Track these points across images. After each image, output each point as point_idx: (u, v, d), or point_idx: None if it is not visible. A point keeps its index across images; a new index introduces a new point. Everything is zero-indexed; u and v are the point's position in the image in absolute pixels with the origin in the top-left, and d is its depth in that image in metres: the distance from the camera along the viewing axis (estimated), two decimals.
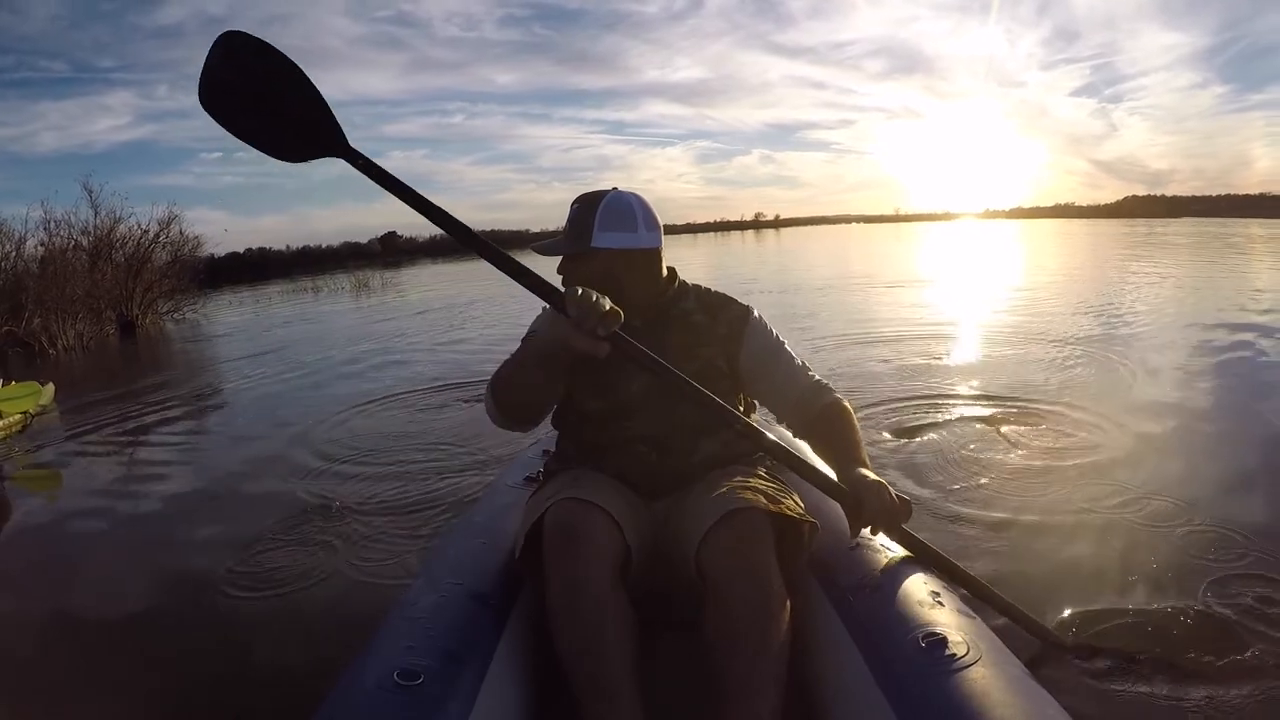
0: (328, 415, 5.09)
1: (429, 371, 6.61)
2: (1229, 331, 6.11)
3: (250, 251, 49.39)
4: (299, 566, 2.52)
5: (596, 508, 1.38)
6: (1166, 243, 21.11)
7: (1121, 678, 1.67)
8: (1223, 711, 1.57)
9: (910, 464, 3.23)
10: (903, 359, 5.57)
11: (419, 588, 1.43)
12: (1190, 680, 1.66)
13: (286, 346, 9.61)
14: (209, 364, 8.90)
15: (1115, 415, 3.75)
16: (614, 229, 1.59)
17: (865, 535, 1.45)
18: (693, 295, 1.71)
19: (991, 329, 6.95)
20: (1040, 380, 4.70)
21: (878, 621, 1.22)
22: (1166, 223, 45.72)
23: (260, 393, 6.51)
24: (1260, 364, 4.94)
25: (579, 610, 1.28)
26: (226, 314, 16.79)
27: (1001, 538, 2.46)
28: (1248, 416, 3.86)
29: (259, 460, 4.18)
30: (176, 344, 12.31)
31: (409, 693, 1.08)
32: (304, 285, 25.39)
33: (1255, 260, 14.54)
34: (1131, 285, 10.42)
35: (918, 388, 4.66)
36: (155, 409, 6.05)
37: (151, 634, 2.15)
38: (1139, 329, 6.48)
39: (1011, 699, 0.99)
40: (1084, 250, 20.96)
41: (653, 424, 1.58)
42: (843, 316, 8.04)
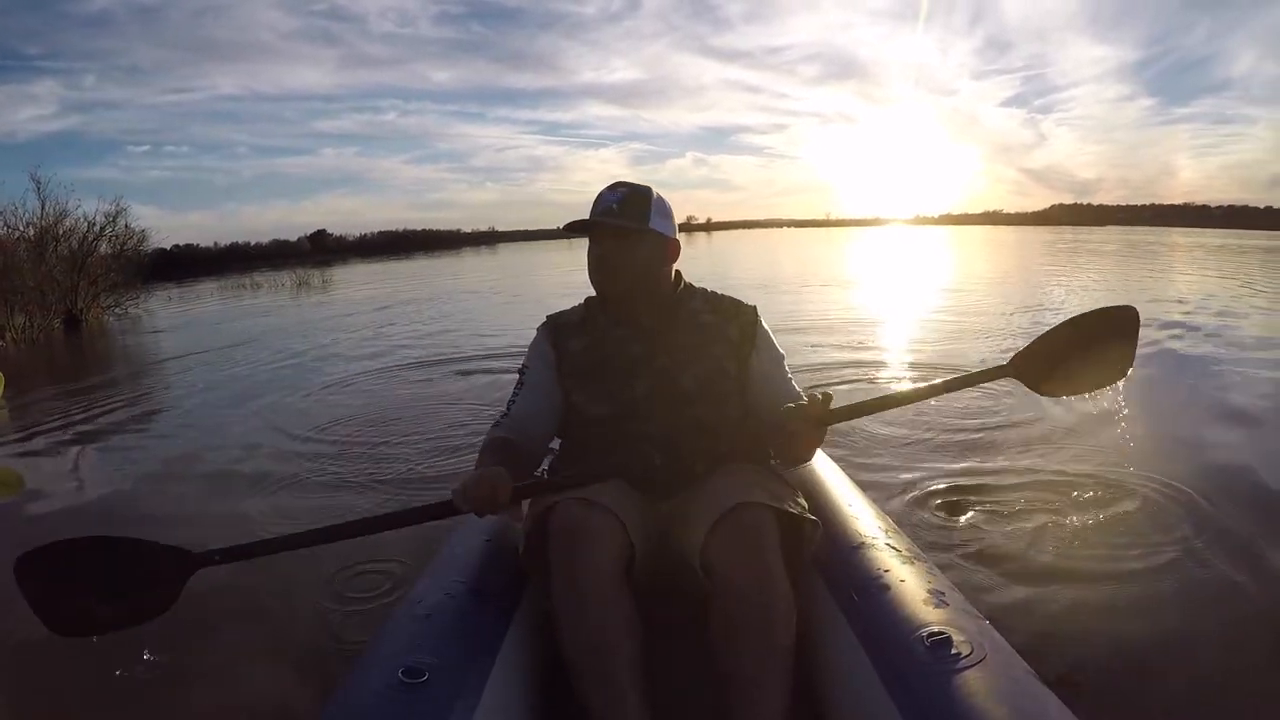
0: (320, 403, 5.15)
1: (425, 356, 6.80)
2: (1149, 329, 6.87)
3: (178, 248, 48.03)
4: (300, 556, 2.50)
5: (601, 508, 1.38)
6: (1093, 250, 22.51)
7: (1126, 677, 1.69)
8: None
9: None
10: (829, 343, 6.44)
11: (424, 586, 1.44)
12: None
13: (255, 340, 9.48)
14: (173, 358, 8.66)
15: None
16: (664, 218, 1.64)
17: (868, 534, 1.50)
18: (699, 296, 1.74)
19: (916, 323, 7.75)
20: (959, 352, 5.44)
21: (882, 620, 1.22)
22: (1092, 230, 47.89)
23: (241, 384, 6.29)
24: (1181, 353, 5.69)
25: (584, 610, 1.29)
26: (169, 310, 16.58)
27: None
28: (1171, 389, 4.64)
29: (239, 451, 4.10)
30: (127, 338, 12.12)
31: (414, 690, 1.09)
32: (242, 282, 24.88)
33: (1177, 266, 15.97)
34: (1056, 287, 11.39)
35: (844, 360, 5.61)
36: (121, 403, 5.83)
37: (146, 635, 2.08)
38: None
39: (1016, 698, 1.00)
40: (1010, 255, 22.26)
41: (658, 425, 1.60)
42: (773, 310, 8.70)
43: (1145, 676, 1.69)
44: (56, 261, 14.19)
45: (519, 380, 1.76)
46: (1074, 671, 1.66)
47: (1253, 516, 2.49)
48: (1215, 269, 14.88)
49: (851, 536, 1.50)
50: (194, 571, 1.42)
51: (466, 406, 4.74)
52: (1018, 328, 7.04)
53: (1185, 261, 17.50)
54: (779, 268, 20.25)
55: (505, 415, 1.72)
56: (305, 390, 5.69)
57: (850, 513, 1.62)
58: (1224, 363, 5.22)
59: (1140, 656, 1.76)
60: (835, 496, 1.71)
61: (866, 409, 1.55)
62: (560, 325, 1.76)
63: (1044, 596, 2.04)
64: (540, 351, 1.74)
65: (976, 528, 2.51)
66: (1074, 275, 13.79)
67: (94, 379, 7.57)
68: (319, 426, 4.46)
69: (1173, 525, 2.44)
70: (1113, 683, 1.67)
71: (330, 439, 4.18)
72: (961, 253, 26.13)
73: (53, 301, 13.39)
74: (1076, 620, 1.93)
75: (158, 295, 19.35)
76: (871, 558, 1.41)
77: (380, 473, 3.50)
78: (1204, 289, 10.58)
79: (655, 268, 1.66)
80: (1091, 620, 1.92)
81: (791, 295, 11.46)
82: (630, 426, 1.61)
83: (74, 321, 13.73)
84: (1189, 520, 2.47)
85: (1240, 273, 13.66)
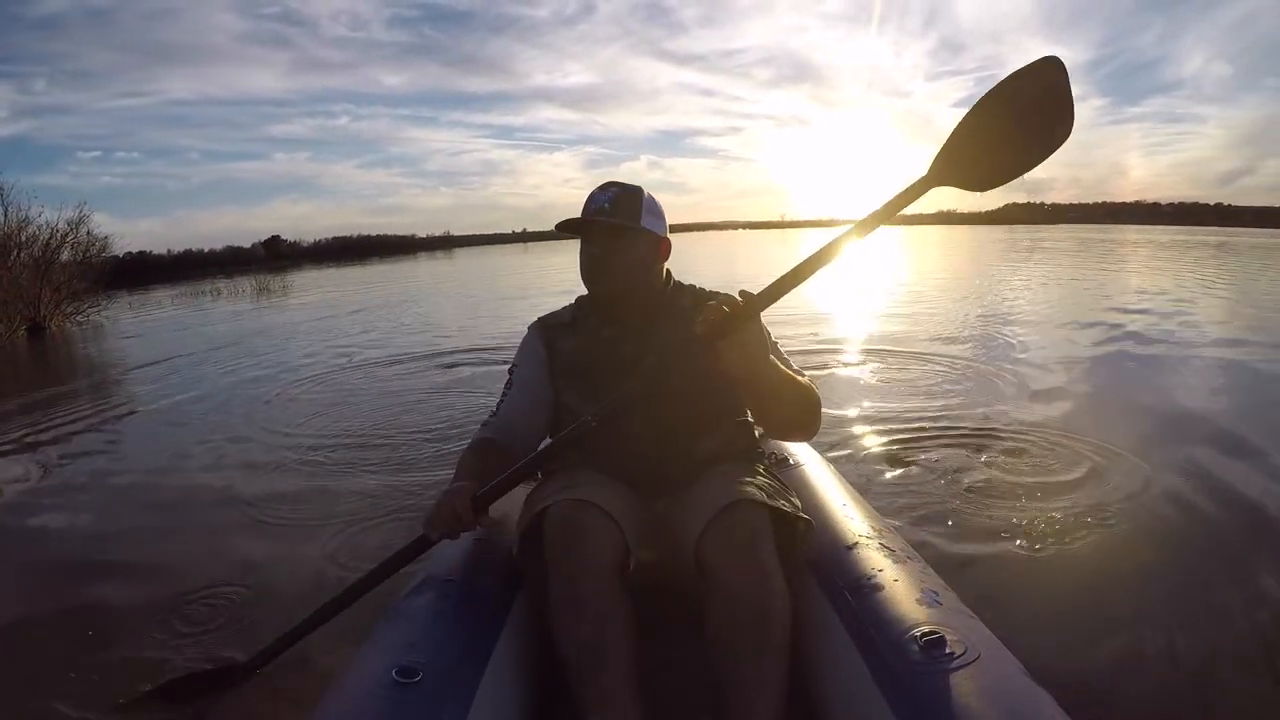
0: (309, 404, 5.19)
1: (403, 353, 6.97)
2: (1105, 315, 7.63)
3: (129, 255, 47.20)
4: (291, 555, 2.52)
5: (595, 507, 1.39)
6: (1048, 248, 23.32)
7: (1118, 674, 1.69)
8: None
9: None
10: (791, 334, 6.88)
11: (418, 585, 1.44)
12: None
13: (233, 344, 9.42)
14: (150, 364, 8.50)
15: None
16: (656, 217, 1.65)
17: (862, 534, 1.50)
18: (688, 293, 1.74)
19: (869, 320, 8.13)
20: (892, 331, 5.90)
21: (876, 620, 1.23)
22: (1046, 228, 48.83)
23: (227, 387, 6.25)
24: (1135, 343, 6.08)
25: (579, 609, 1.29)
26: (132, 317, 16.44)
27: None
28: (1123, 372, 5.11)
29: (227, 454, 4.09)
30: (97, 345, 11.94)
31: (408, 690, 1.09)
32: (202, 289, 24.84)
33: (1129, 262, 16.90)
34: (1006, 286, 11.83)
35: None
36: (101, 410, 5.73)
37: (138, 634, 2.11)
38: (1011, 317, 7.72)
39: (1010, 698, 1.00)
40: (962, 255, 22.88)
41: (650, 423, 1.59)
42: None
43: (1137, 675, 1.69)
44: (21, 269, 14.19)
45: (508, 380, 1.77)
46: (1069, 671, 1.66)
47: (1245, 522, 2.50)
48: (1163, 265, 15.70)
49: (845, 536, 1.51)
50: (244, 677, 1.74)
51: (453, 400, 4.88)
52: (972, 317, 7.41)
53: (1138, 258, 18.41)
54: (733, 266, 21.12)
55: (493, 415, 1.74)
56: (294, 392, 5.71)
57: (843, 512, 1.62)
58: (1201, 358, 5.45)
59: (1133, 655, 1.76)
60: (828, 496, 1.71)
61: (794, 279, 1.40)
62: (551, 325, 1.77)
63: (1037, 595, 2.05)
64: (531, 351, 1.75)
65: (957, 518, 2.54)
66: (1029, 271, 14.44)
67: (71, 385, 7.56)
68: (307, 427, 4.53)
69: (1164, 525, 2.46)
70: (1106, 682, 1.66)
71: (321, 439, 4.20)
72: (912, 253, 26.67)
73: (18, 310, 13.41)
74: (1071, 620, 1.93)
75: (118, 303, 19.21)
76: (865, 557, 1.42)
77: (369, 472, 3.54)
78: (1157, 284, 11.28)
79: (648, 267, 1.66)
80: (1086, 620, 1.93)
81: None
82: (621, 425, 1.57)
83: (37, 329, 13.75)
84: (1181, 521, 2.50)
85: (1185, 269, 14.44)
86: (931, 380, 4.81)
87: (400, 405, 4.91)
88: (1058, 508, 2.62)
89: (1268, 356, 5.46)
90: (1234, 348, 5.82)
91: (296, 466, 3.70)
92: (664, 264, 1.72)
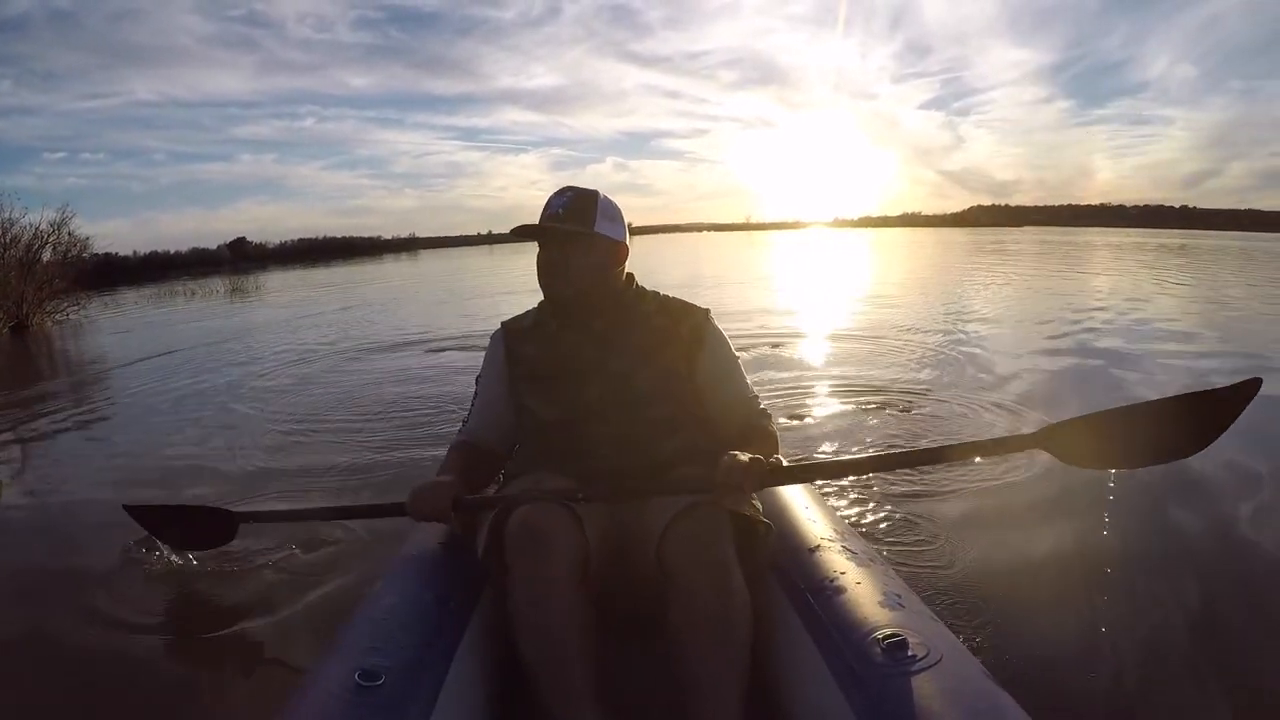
0: (302, 393, 5.58)
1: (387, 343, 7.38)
2: (1071, 314, 8.15)
3: (95, 257, 46.68)
4: (256, 560, 2.49)
5: (558, 507, 1.39)
6: (1012, 250, 24.12)
7: (1078, 674, 1.72)
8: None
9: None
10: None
11: (382, 589, 1.44)
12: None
13: (219, 341, 9.71)
14: (140, 360, 8.60)
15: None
16: (612, 221, 1.63)
17: (824, 536, 1.50)
18: (650, 299, 1.74)
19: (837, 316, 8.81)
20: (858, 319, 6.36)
21: (838, 622, 1.23)
22: (1010, 231, 49.13)
23: (217, 382, 6.46)
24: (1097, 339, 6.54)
25: (541, 610, 1.30)
26: (111, 316, 16.86)
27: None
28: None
29: (212, 436, 4.45)
30: (81, 342, 12.44)
31: (371, 693, 1.09)
32: (175, 289, 25.35)
33: (1094, 264, 17.53)
34: (969, 285, 12.54)
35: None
36: (85, 407, 5.93)
37: (108, 642, 2.11)
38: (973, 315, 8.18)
39: (971, 700, 1.01)
40: (924, 256, 23.61)
41: (612, 428, 1.60)
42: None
43: (1095, 677, 1.72)
44: (6, 268, 14.48)
45: (475, 391, 1.80)
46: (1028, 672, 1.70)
47: (1205, 519, 2.59)
48: (1121, 267, 16.33)
49: (807, 539, 1.51)
50: (239, 525, 2.04)
51: (431, 389, 5.30)
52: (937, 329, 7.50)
53: (1100, 260, 19.14)
54: (699, 266, 22.02)
55: (464, 425, 1.79)
56: (281, 382, 6.16)
57: (806, 515, 1.62)
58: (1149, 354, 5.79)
59: (1091, 656, 1.79)
60: (791, 499, 1.71)
61: (821, 472, 1.45)
62: (513, 331, 1.77)
63: (997, 598, 2.07)
64: (493, 359, 1.76)
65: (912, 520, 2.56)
66: (992, 275, 14.80)
67: (66, 378, 7.97)
68: (291, 411, 4.98)
69: (1125, 524, 2.50)
70: (1066, 683, 1.70)
71: (303, 422, 4.62)
72: (878, 253, 27.33)
73: (4, 308, 13.74)
74: (1030, 621, 1.96)
75: (93, 303, 19.37)
76: (827, 560, 1.42)
77: (357, 454, 3.83)
78: (1116, 285, 11.92)
79: (605, 270, 1.66)
80: (1043, 620, 1.96)
81: (710, 290, 12.62)
82: (585, 429, 1.60)
83: (19, 327, 14.05)
84: (1140, 519, 2.56)
85: (1143, 271, 15.07)
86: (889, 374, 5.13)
87: (382, 391, 5.45)
88: (1009, 505, 2.69)
89: (1213, 349, 5.87)
90: (1185, 342, 6.21)
91: (280, 445, 4.19)
92: (622, 267, 1.71)
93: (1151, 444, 1.38)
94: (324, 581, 2.37)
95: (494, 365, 1.76)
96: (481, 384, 1.79)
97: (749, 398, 1.70)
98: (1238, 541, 2.46)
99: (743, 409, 1.69)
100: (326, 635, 1.32)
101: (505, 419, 1.74)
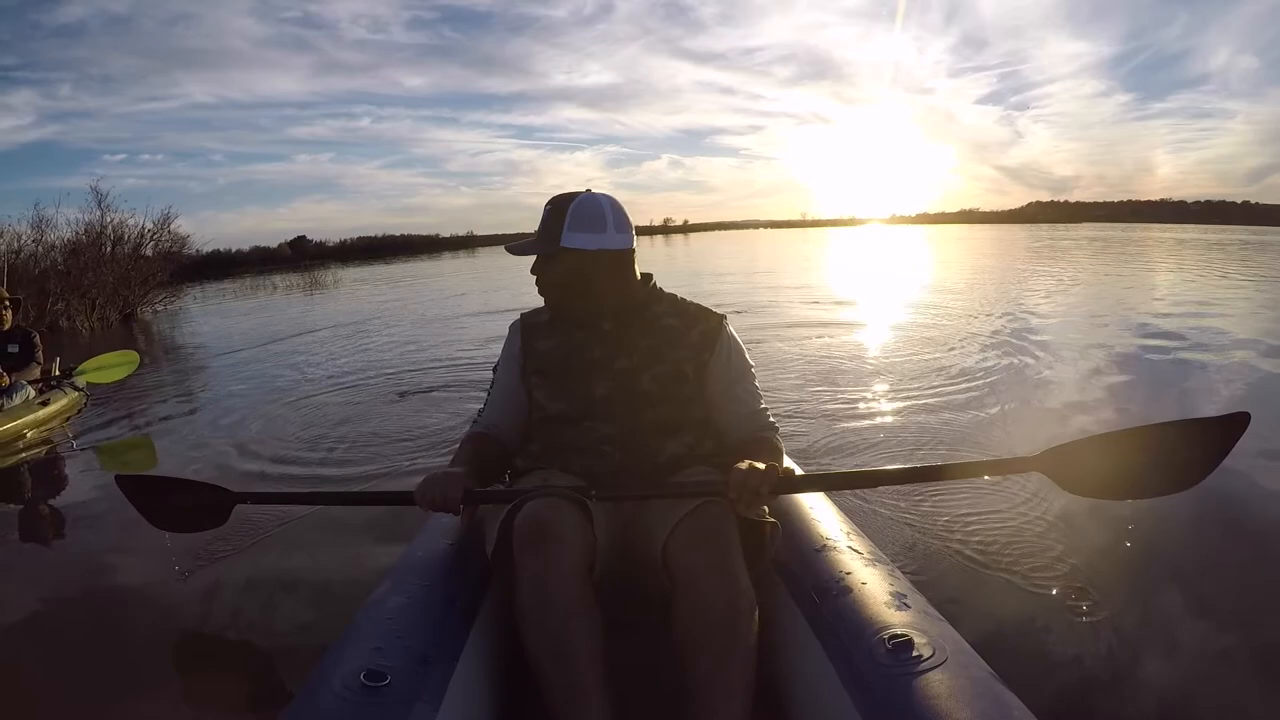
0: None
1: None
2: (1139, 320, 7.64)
3: (197, 254, 48.13)
4: (263, 560, 2.51)
5: (566, 504, 1.39)
6: (1069, 249, 23.47)
7: (1084, 675, 1.71)
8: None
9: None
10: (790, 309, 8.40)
11: (387, 588, 1.43)
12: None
13: (328, 326, 10.69)
14: (255, 346, 9.27)
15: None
16: (584, 230, 1.59)
17: (830, 536, 1.50)
18: (666, 300, 1.73)
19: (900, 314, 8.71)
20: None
21: (843, 623, 1.23)
22: (1070, 228, 48.03)
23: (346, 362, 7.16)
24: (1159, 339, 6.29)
25: (548, 607, 1.29)
26: (203, 309, 18.17)
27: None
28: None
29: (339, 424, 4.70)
30: (191, 329, 13.57)
31: (376, 694, 1.09)
32: (256, 284, 26.78)
33: (1158, 262, 16.90)
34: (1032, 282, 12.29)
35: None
36: (210, 384, 6.86)
37: (113, 641, 2.12)
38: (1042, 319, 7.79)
39: (978, 700, 1.00)
40: (988, 253, 23.04)
41: (618, 425, 1.60)
42: (747, 296, 10.29)
43: (1104, 679, 1.71)
44: (128, 262, 16.17)
45: (492, 381, 1.82)
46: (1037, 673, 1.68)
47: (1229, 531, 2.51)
48: (1193, 265, 15.54)
49: (813, 539, 1.50)
50: (234, 505, 1.87)
51: None
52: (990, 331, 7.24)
53: (1166, 258, 18.32)
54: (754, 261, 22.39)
55: (479, 416, 1.81)
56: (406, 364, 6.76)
57: (812, 515, 1.62)
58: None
59: (1101, 658, 1.78)
60: (797, 499, 1.70)
61: (830, 483, 1.45)
62: (530, 325, 1.77)
63: (1003, 597, 2.05)
64: (509, 352, 1.77)
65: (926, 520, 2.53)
66: (1053, 273, 14.26)
67: (190, 362, 8.90)
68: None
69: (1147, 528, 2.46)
70: (1074, 685, 1.68)
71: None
72: (937, 250, 27.01)
73: (120, 296, 15.12)
74: (1037, 620, 1.94)
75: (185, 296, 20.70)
76: (833, 560, 1.41)
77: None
78: (1185, 285, 11.36)
79: (619, 278, 1.64)
80: (1051, 619, 1.94)
81: (758, 283, 13.04)
82: (590, 426, 1.60)
83: (128, 317, 15.41)
84: (1159, 524, 2.50)
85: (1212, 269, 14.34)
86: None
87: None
88: (1015, 504, 2.66)
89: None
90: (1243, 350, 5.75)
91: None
92: (633, 268, 1.69)
93: (1147, 474, 1.38)
94: (329, 581, 2.36)
95: (510, 358, 1.77)
96: (497, 377, 1.81)
97: (757, 409, 1.67)
98: (1249, 540, 2.45)
99: (750, 420, 1.66)
100: (331, 635, 1.32)
101: (520, 411, 1.74)
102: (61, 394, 5.28)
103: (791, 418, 3.95)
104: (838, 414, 4.09)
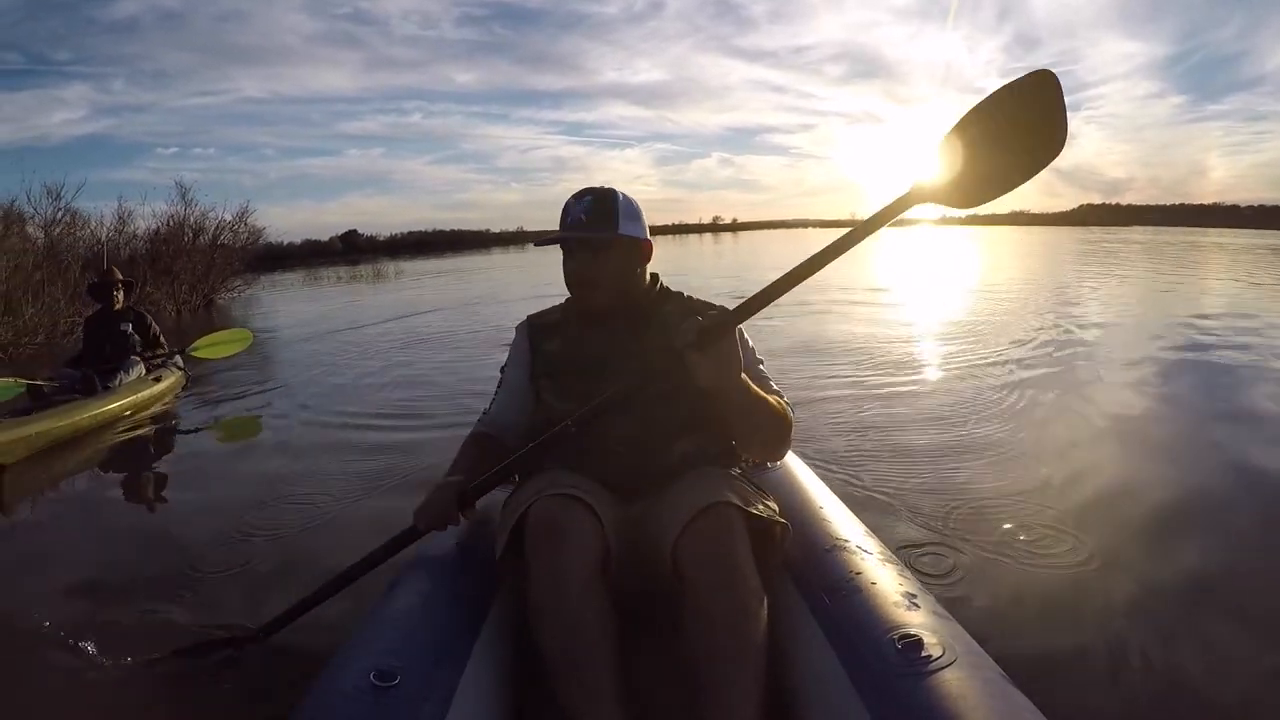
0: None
1: None
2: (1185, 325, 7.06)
3: (271, 245, 49.43)
4: (271, 561, 2.55)
5: (578, 503, 1.39)
6: (1121, 252, 22.50)
7: (1095, 676, 1.70)
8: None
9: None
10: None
11: (397, 588, 1.44)
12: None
13: (406, 315, 11.10)
14: (332, 331, 9.62)
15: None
16: (633, 219, 1.63)
17: (840, 536, 1.51)
18: (675, 300, 1.74)
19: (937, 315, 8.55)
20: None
21: (853, 623, 1.23)
22: (1121, 231, 46.67)
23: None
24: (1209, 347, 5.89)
25: (561, 606, 1.29)
26: (274, 297, 19.14)
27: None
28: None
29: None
30: (272, 313, 14.31)
31: (386, 694, 1.09)
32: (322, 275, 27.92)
33: (1211, 267, 16.11)
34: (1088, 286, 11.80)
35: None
36: (307, 366, 7.02)
37: (116, 640, 2.09)
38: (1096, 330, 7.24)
39: (988, 701, 1.00)
40: (1039, 257, 22.33)
41: (629, 425, 1.59)
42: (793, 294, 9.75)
43: (1116, 681, 1.70)
44: (211, 251, 17.21)
45: (499, 380, 1.81)
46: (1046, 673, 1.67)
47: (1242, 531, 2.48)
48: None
49: (823, 539, 1.51)
50: (244, 646, 1.87)
51: None
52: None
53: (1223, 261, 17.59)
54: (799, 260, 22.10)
55: (485, 413, 1.80)
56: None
57: (822, 515, 1.62)
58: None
59: (1114, 660, 1.77)
60: (807, 499, 1.71)
61: (770, 294, 1.40)
62: (538, 325, 1.78)
63: (1014, 597, 2.05)
64: (518, 351, 1.78)
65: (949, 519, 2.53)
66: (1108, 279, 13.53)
67: (279, 343, 9.27)
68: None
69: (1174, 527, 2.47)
70: (1085, 686, 1.68)
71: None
72: (988, 252, 26.28)
73: (206, 283, 16.26)
74: (1047, 621, 1.95)
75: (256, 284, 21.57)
76: (843, 560, 1.42)
77: None
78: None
79: (631, 271, 1.66)
80: (1062, 620, 1.94)
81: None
82: (601, 428, 1.58)
83: (208, 303, 16.41)
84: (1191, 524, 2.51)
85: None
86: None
87: None
88: (1021, 504, 2.67)
89: None
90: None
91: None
92: (646, 265, 1.71)
93: (1013, 149, 1.36)
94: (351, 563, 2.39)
95: (518, 358, 1.77)
96: (506, 376, 1.81)
97: (770, 390, 1.64)
98: (1266, 539, 2.42)
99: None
100: (341, 635, 1.32)
101: (526, 410, 1.74)
102: (169, 372, 5.64)
103: (833, 400, 4.33)
104: (890, 397, 4.41)
